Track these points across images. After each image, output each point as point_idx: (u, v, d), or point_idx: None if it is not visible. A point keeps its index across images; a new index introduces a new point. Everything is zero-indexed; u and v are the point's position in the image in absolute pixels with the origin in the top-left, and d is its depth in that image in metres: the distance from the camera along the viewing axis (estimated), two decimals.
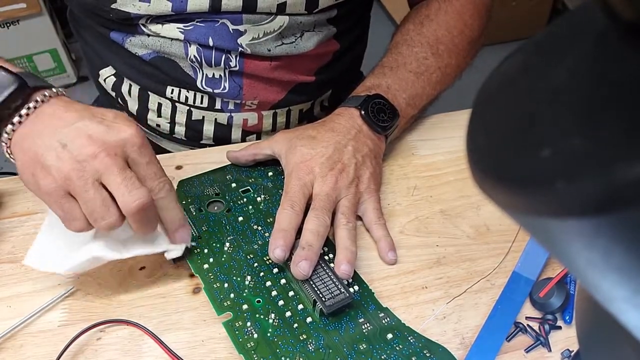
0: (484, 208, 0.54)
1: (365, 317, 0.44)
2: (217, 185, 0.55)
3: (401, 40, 0.63)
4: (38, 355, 0.43)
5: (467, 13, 0.64)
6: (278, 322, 0.43)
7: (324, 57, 0.67)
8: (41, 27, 1.68)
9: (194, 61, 0.61)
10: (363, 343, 0.42)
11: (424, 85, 0.60)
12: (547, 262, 0.48)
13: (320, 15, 0.62)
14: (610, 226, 0.13)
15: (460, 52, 0.63)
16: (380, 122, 0.55)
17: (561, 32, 0.18)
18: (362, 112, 0.55)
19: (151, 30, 0.60)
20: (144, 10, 0.58)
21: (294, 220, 0.47)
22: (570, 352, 0.43)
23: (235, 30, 0.60)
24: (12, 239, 0.51)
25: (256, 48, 0.61)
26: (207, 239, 0.49)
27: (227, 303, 0.45)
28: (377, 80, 0.59)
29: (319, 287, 0.44)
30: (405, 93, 0.58)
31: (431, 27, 0.62)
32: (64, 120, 0.42)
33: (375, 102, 0.55)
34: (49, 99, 0.44)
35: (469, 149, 0.17)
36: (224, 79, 0.63)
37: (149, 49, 0.62)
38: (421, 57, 0.61)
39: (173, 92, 0.65)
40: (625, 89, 0.14)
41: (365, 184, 0.52)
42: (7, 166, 1.67)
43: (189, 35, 0.60)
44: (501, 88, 0.18)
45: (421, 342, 0.42)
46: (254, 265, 0.47)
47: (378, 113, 0.55)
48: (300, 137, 0.53)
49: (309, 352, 0.41)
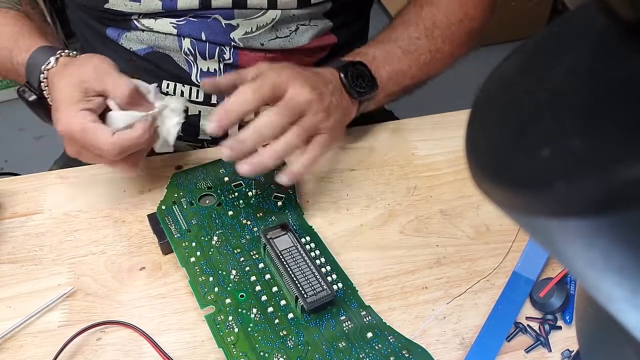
0: (483, 208, 0.54)
1: (347, 314, 0.44)
2: (209, 178, 0.55)
3: (399, 20, 0.63)
4: (38, 355, 0.43)
5: (470, 3, 0.64)
6: (259, 318, 0.44)
7: (321, 51, 0.67)
8: None
9: (188, 54, 0.62)
10: (343, 341, 0.42)
11: (410, 64, 0.60)
12: (547, 262, 0.48)
13: (315, 9, 0.62)
14: (610, 227, 0.13)
15: (456, 40, 0.63)
16: (357, 87, 0.54)
17: (561, 32, 0.18)
18: (341, 75, 0.54)
19: (144, 25, 0.61)
20: (135, 9, 0.59)
21: (246, 103, 0.45)
22: (570, 352, 0.43)
23: (227, 24, 0.60)
24: (13, 239, 0.51)
25: (249, 42, 0.61)
26: (195, 233, 0.50)
27: (210, 297, 0.45)
28: (365, 50, 0.59)
29: (302, 283, 0.44)
30: (389, 66, 0.58)
31: (430, 10, 0.62)
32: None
33: (356, 68, 0.55)
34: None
35: (469, 149, 0.17)
36: (218, 72, 0.63)
37: (144, 44, 0.63)
38: (414, 36, 0.61)
39: (169, 87, 0.65)
40: (624, 89, 0.14)
41: (330, 122, 0.49)
42: (6, 167, 1.66)
43: (182, 30, 0.60)
44: (501, 88, 0.18)
45: (401, 342, 0.42)
46: (240, 260, 0.48)
47: (356, 78, 0.55)
48: (286, 66, 0.51)
49: (288, 348, 0.42)
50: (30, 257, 0.50)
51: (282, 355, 0.41)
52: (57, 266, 0.49)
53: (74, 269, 0.49)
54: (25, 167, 0.78)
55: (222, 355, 0.42)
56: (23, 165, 1.44)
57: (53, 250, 0.50)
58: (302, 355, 0.41)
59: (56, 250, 0.50)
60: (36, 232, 0.52)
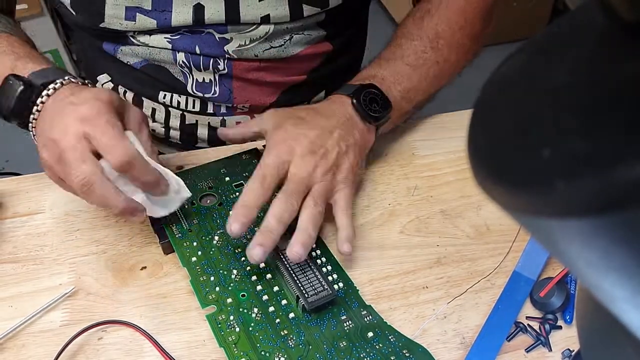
0: (484, 208, 0.54)
1: (348, 314, 0.44)
2: (211, 179, 0.55)
3: (401, 34, 0.62)
4: (39, 355, 0.43)
5: (470, 9, 0.63)
6: (261, 317, 0.44)
7: (316, 59, 0.67)
8: (42, 27, 1.68)
9: (183, 66, 0.62)
10: (343, 340, 0.42)
11: (420, 79, 0.59)
12: (548, 262, 0.48)
13: (308, 20, 0.62)
14: (611, 226, 0.13)
15: (461, 47, 0.62)
16: (371, 111, 0.54)
17: (562, 33, 0.18)
18: (353, 101, 0.54)
19: (140, 41, 0.61)
20: (130, 27, 0.59)
21: (260, 197, 0.46)
22: (571, 351, 0.43)
23: (221, 38, 0.60)
24: (14, 239, 0.52)
25: (243, 53, 0.61)
26: (197, 232, 0.50)
27: (212, 296, 0.45)
28: (373, 71, 0.58)
29: (303, 283, 0.44)
30: (400, 85, 0.57)
31: (432, 21, 0.61)
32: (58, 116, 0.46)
33: (368, 92, 0.54)
34: (54, 91, 0.47)
35: (470, 149, 0.17)
36: (214, 83, 0.63)
37: (140, 57, 0.63)
38: (419, 50, 0.60)
39: (165, 97, 0.65)
40: (625, 89, 0.14)
41: (343, 173, 0.51)
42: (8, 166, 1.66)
43: (176, 44, 0.60)
44: (502, 89, 0.18)
45: (401, 341, 0.42)
46: (241, 260, 0.48)
47: (370, 103, 0.54)
48: (289, 116, 0.53)
49: (289, 347, 0.42)
50: (32, 257, 0.50)
51: (283, 354, 0.41)
52: (59, 266, 0.49)
53: (75, 269, 0.49)
54: (27, 167, 0.78)
55: (223, 354, 0.42)
56: (24, 165, 1.44)
57: (54, 249, 0.51)
58: (303, 355, 0.41)
59: (57, 249, 0.51)
60: (37, 232, 0.52)
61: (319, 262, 0.47)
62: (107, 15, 0.59)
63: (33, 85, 0.48)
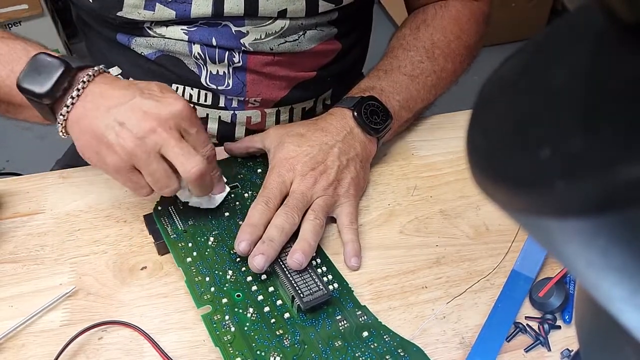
0: (483, 208, 0.54)
1: (343, 314, 0.44)
2: None
3: (397, 44, 0.63)
4: (40, 354, 0.43)
5: (464, 19, 0.64)
6: (256, 317, 0.44)
7: (326, 56, 0.68)
8: (43, 28, 1.69)
9: (198, 58, 0.62)
10: (338, 340, 0.42)
11: (418, 89, 0.60)
12: (546, 261, 0.48)
13: (322, 17, 0.63)
14: (610, 226, 0.13)
15: (457, 56, 0.63)
16: (372, 124, 0.55)
17: (560, 33, 0.18)
18: (354, 114, 0.55)
19: (156, 32, 0.61)
20: (148, 17, 0.59)
21: (265, 216, 0.48)
22: (570, 351, 0.43)
23: (238, 31, 0.60)
24: (14, 239, 0.52)
25: (259, 47, 0.61)
26: (192, 233, 0.50)
27: (207, 296, 0.45)
28: (372, 83, 0.59)
29: (298, 283, 0.45)
30: (399, 96, 0.59)
31: (427, 31, 0.63)
32: (114, 99, 0.45)
33: (368, 104, 0.56)
34: (93, 78, 0.47)
35: (469, 150, 0.17)
36: (227, 75, 0.63)
37: (154, 48, 0.63)
38: (416, 60, 0.61)
39: (177, 90, 0.66)
40: (624, 89, 0.14)
41: (344, 187, 0.52)
42: (8, 166, 1.66)
43: (193, 36, 0.61)
44: (501, 89, 0.18)
45: (396, 341, 0.42)
46: (237, 260, 0.48)
47: (371, 115, 0.55)
48: (290, 133, 0.54)
49: (284, 347, 0.42)
50: (32, 257, 0.50)
51: (278, 354, 0.41)
52: (59, 266, 0.49)
53: (76, 269, 0.49)
54: (27, 167, 0.78)
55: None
56: (25, 165, 1.44)
57: (55, 249, 0.51)
58: (298, 354, 0.41)
59: (58, 249, 0.51)
60: (38, 232, 0.52)
61: (314, 263, 0.48)
62: (126, 5, 0.58)
63: (70, 68, 0.46)
